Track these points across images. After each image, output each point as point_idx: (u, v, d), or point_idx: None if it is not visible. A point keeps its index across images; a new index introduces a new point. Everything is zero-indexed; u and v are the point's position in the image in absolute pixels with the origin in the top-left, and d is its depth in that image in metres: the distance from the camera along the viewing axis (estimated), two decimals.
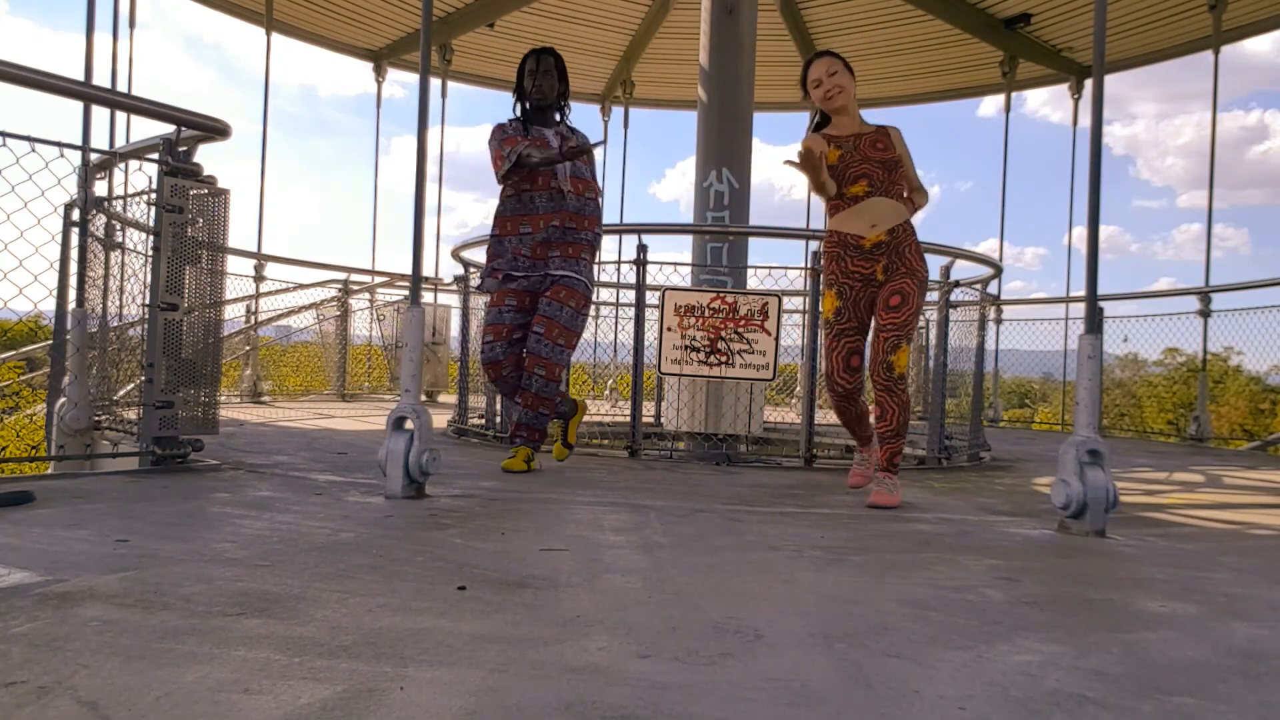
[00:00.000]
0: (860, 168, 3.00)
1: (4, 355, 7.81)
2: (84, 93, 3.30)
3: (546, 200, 3.45)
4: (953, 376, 4.75)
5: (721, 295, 4.28)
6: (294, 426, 5.09)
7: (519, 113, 3.57)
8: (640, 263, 4.34)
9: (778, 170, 3.37)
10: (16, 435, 7.67)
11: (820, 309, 3.08)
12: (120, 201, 3.40)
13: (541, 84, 3.49)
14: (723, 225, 5.52)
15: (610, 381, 9.26)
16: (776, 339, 4.09)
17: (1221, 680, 1.23)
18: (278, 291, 7.64)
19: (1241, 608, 1.66)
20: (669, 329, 4.26)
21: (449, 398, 7.89)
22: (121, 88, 6.67)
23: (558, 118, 3.59)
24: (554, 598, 1.53)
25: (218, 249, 3.06)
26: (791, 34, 10.03)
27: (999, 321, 8.61)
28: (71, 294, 3.37)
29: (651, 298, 4.36)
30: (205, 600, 1.41)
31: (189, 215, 2.94)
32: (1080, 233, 9.23)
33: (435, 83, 10.18)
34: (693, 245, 5.68)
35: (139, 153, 3.24)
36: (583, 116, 12.10)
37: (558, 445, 3.74)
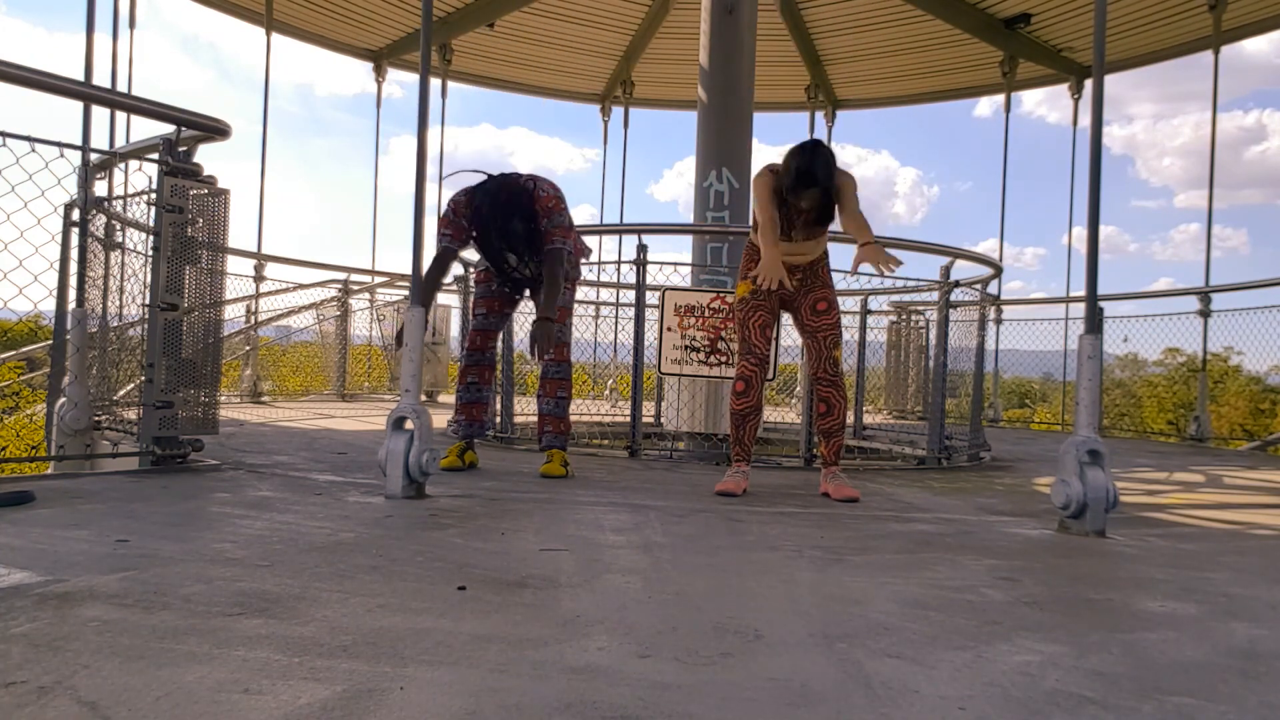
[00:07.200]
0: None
1: (4, 355, 7.81)
2: (84, 93, 3.30)
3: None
4: (952, 376, 4.75)
5: (721, 295, 4.29)
6: (294, 426, 5.09)
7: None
8: (640, 263, 4.34)
9: None
10: (16, 435, 7.66)
11: (735, 294, 3.21)
12: (120, 201, 3.40)
13: (515, 247, 3.25)
14: (723, 225, 5.52)
15: (610, 381, 9.26)
16: (776, 339, 4.09)
17: (1221, 680, 1.23)
18: (278, 291, 7.64)
19: (1241, 608, 1.66)
20: (669, 329, 4.26)
21: (449, 398, 7.88)
22: (121, 88, 6.67)
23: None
24: (554, 598, 1.53)
25: (218, 249, 3.06)
26: (791, 34, 10.03)
27: (999, 321, 8.61)
28: (71, 294, 3.37)
29: (651, 298, 4.35)
30: (205, 600, 1.41)
31: (189, 215, 2.94)
32: (1080, 233, 9.24)
33: (435, 83, 10.18)
34: (692, 245, 5.69)
35: (139, 153, 3.24)
36: (583, 116, 12.07)
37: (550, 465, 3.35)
